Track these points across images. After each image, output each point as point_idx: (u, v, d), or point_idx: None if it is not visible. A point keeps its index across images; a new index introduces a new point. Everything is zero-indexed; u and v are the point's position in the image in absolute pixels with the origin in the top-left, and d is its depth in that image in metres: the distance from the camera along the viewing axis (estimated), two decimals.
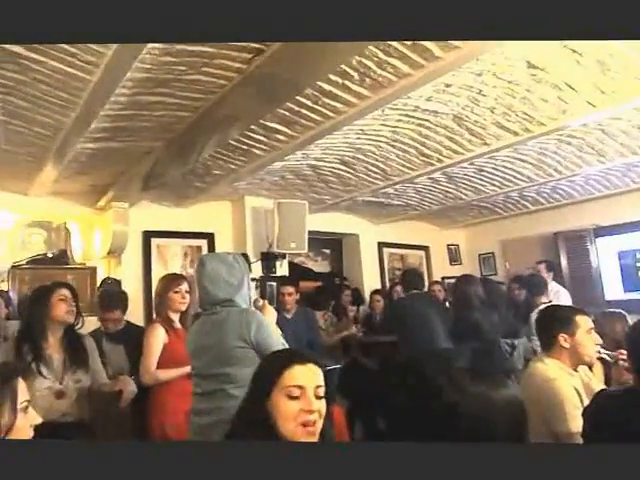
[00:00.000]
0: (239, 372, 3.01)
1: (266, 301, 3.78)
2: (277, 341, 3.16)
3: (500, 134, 4.92)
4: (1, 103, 3.73)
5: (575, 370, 3.12)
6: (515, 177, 6.43)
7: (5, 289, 5.63)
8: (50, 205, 6.18)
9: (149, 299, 6.10)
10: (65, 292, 3.62)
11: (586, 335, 3.11)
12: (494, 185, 6.77)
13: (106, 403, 3.88)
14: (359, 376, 3.40)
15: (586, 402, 2.69)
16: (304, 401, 2.00)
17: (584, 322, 3.13)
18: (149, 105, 3.90)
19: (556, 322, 3.16)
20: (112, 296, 5.22)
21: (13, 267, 5.77)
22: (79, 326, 3.73)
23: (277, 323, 3.48)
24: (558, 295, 6.77)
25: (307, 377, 2.06)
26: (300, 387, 2.01)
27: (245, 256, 3.48)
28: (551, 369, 3.07)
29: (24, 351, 3.39)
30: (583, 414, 2.28)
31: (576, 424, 2.65)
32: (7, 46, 2.99)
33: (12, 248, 5.95)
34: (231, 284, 3.25)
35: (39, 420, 1.78)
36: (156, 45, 3.04)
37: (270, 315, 3.42)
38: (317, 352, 5.98)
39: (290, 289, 6.22)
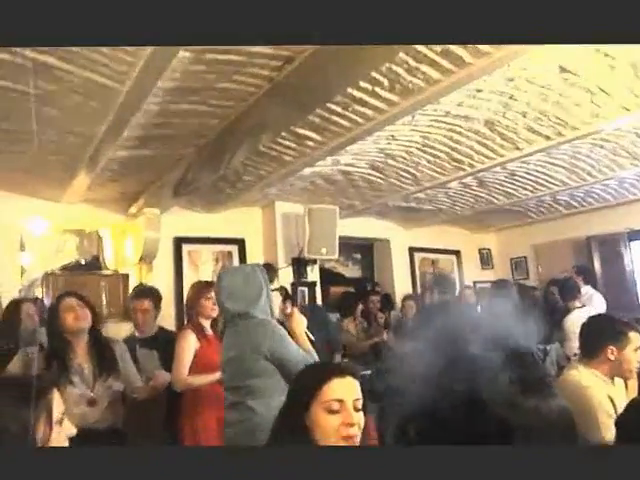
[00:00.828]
0: (263, 384, 3.04)
1: (295, 308, 3.77)
2: (294, 351, 3.16)
3: (532, 138, 4.87)
4: (35, 113, 3.77)
5: (611, 379, 3.09)
6: (548, 181, 6.36)
7: (39, 296, 5.68)
8: (82, 212, 6.23)
9: (181, 305, 6.12)
10: (69, 301, 3.64)
11: (634, 352, 3.07)
12: (526, 189, 6.70)
13: (139, 408, 3.92)
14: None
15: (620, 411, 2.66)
16: (344, 414, 1.99)
17: (636, 339, 3.08)
18: (180, 113, 3.92)
19: (609, 333, 3.11)
20: (143, 288, 5.45)
21: (47, 274, 5.83)
22: (101, 328, 3.78)
23: None
24: (591, 299, 6.70)
25: (346, 390, 2.05)
26: (340, 401, 2.00)
27: (268, 266, 3.47)
28: (584, 377, 3.03)
29: (54, 365, 3.42)
30: (616, 423, 2.25)
31: (609, 433, 2.61)
32: (41, 57, 3.03)
33: (46, 255, 6.01)
34: (247, 297, 3.27)
35: (74, 431, 1.79)
36: (186, 55, 3.06)
37: (298, 323, 3.40)
38: (338, 349, 6.14)
39: None
